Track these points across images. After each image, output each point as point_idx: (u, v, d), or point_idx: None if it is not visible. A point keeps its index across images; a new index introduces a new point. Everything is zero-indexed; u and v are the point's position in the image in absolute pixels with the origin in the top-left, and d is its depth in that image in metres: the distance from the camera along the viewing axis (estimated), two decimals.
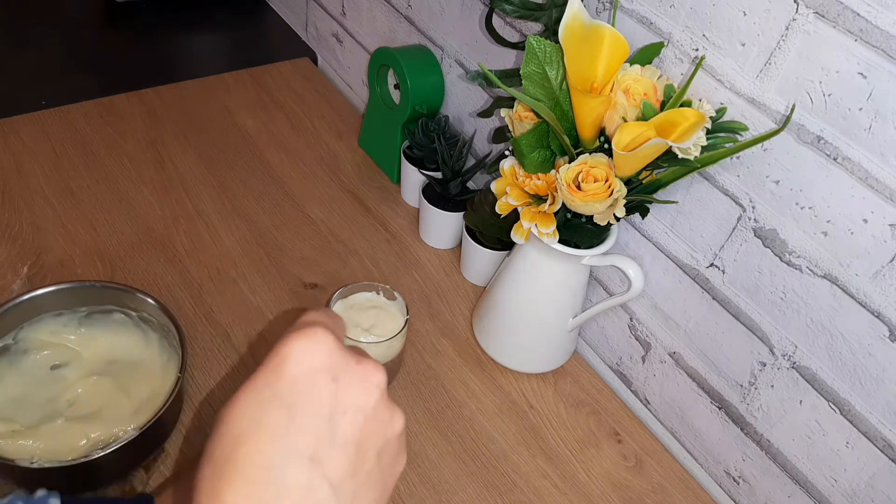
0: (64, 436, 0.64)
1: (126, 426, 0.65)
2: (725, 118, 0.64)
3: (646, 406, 0.84)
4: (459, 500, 0.72)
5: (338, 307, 0.75)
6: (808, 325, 0.64)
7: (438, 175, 0.93)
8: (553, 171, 0.68)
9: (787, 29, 0.58)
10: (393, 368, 0.77)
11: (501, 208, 0.72)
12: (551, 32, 0.69)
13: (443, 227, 0.94)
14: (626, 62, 0.63)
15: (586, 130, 0.64)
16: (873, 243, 0.57)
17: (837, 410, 0.64)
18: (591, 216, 0.67)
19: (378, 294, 0.77)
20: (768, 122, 0.61)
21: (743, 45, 0.61)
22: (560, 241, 0.70)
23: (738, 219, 0.67)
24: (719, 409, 0.75)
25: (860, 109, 0.55)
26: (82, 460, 0.60)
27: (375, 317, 0.75)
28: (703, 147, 0.59)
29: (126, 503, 0.56)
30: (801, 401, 0.67)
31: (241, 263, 0.89)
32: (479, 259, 0.89)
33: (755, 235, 0.66)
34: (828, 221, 0.60)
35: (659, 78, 0.63)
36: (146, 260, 0.87)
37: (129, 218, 0.91)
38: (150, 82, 1.10)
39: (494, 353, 0.84)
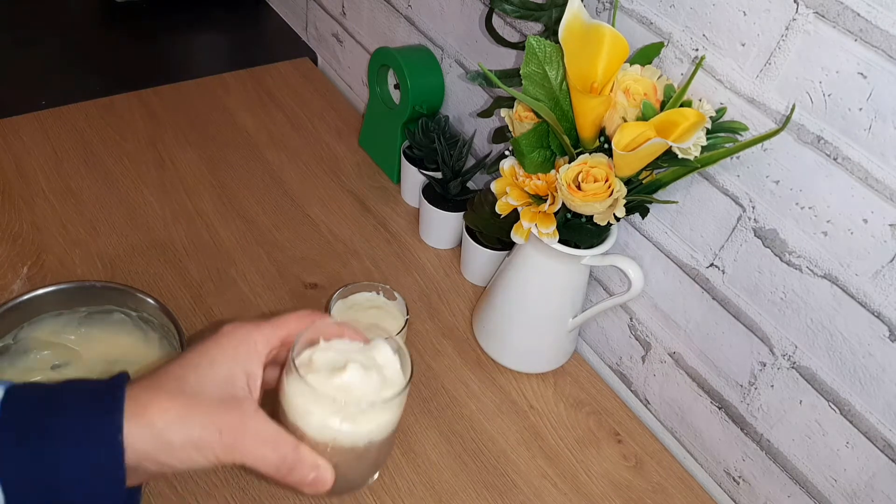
0: None
1: None
2: (725, 118, 0.64)
3: (646, 406, 0.84)
4: (459, 500, 0.72)
5: (338, 307, 0.75)
6: (808, 325, 0.64)
7: (438, 175, 0.93)
8: (553, 171, 0.68)
9: (786, 29, 0.58)
10: None
11: (501, 208, 0.72)
12: (551, 32, 0.69)
13: (443, 227, 0.94)
14: (626, 62, 0.63)
15: (586, 130, 0.64)
16: (873, 243, 0.57)
17: (837, 410, 0.64)
18: (591, 216, 0.67)
19: (378, 294, 0.77)
20: (768, 122, 0.61)
21: (743, 45, 0.61)
22: (560, 241, 0.70)
23: (738, 219, 0.67)
24: (719, 409, 0.75)
25: (860, 109, 0.55)
26: None
27: (375, 317, 0.75)
28: (703, 147, 0.59)
29: (95, 384, 0.45)
30: (801, 401, 0.67)
31: (241, 263, 0.89)
32: (479, 259, 0.89)
33: (755, 235, 0.66)
34: (828, 221, 0.60)
35: (659, 78, 0.63)
36: (146, 260, 0.87)
37: (129, 218, 0.91)
38: (150, 82, 1.10)
39: (494, 353, 0.84)
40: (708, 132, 0.60)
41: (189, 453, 0.43)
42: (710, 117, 0.60)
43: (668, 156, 0.61)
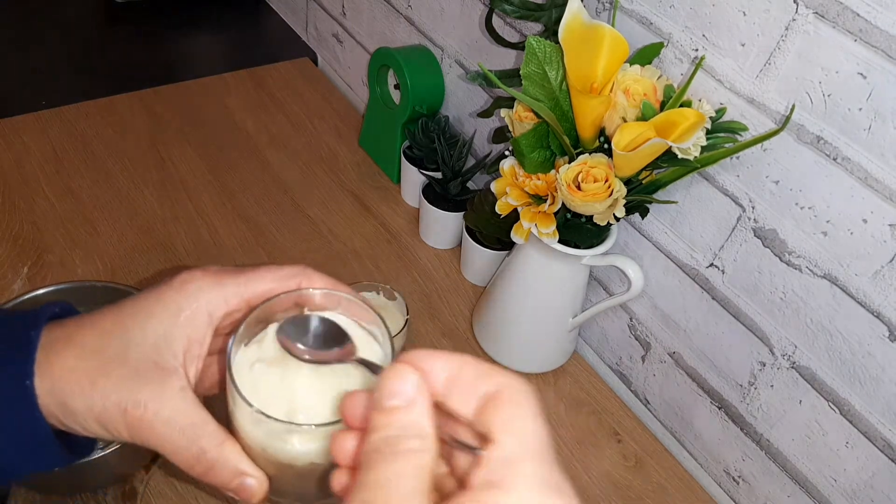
0: None
1: None
2: (725, 118, 0.64)
3: (646, 406, 0.84)
4: None
5: None
6: (807, 325, 0.64)
7: (438, 175, 0.93)
8: (553, 171, 0.68)
9: (786, 29, 0.58)
10: None
11: (501, 208, 0.72)
12: (551, 32, 0.69)
13: (443, 227, 0.94)
14: (625, 62, 0.63)
15: (586, 130, 0.64)
16: (873, 243, 0.57)
17: (837, 410, 0.64)
18: (591, 216, 0.67)
19: (378, 294, 0.77)
20: (768, 122, 0.61)
21: (743, 45, 0.61)
22: (560, 241, 0.70)
23: (738, 219, 0.67)
24: (719, 408, 0.75)
25: (860, 109, 0.55)
26: (82, 460, 0.60)
27: None
28: (702, 147, 0.59)
29: (12, 321, 0.39)
30: (800, 401, 0.67)
31: (241, 263, 0.89)
32: (479, 259, 0.89)
33: (755, 235, 0.66)
34: (827, 221, 0.60)
35: (659, 78, 0.63)
36: (146, 260, 0.87)
37: (130, 218, 0.91)
38: (150, 82, 1.10)
39: (494, 353, 0.84)
40: (708, 132, 0.60)
41: (93, 426, 0.37)
42: (710, 117, 0.60)
43: (668, 156, 0.61)
